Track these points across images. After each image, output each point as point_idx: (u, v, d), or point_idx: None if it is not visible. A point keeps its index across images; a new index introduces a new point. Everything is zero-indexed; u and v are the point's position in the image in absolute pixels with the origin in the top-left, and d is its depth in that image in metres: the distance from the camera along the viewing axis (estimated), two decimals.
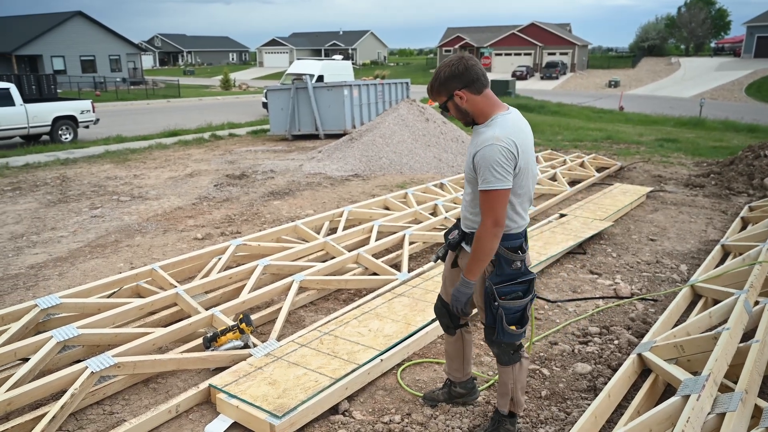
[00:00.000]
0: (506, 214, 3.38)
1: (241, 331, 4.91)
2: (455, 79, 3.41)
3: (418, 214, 8.92)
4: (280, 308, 5.76)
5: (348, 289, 6.43)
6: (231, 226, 9.02)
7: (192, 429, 4.06)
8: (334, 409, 4.25)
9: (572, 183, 12.27)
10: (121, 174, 13.44)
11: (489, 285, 3.48)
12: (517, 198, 3.42)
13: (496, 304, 3.47)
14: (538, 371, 4.81)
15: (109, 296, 5.82)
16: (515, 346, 3.68)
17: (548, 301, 6.18)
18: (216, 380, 4.36)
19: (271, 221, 9.23)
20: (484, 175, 3.28)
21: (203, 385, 4.35)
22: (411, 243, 7.85)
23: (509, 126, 3.36)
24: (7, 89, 18.33)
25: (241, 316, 4.97)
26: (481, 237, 3.35)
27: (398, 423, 4.08)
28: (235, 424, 4.05)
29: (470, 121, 3.50)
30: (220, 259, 6.71)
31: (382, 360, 4.68)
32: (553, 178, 12.25)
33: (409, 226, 8.21)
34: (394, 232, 8.03)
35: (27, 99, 19.73)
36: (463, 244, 3.67)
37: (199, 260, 6.75)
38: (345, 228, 8.30)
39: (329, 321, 5.42)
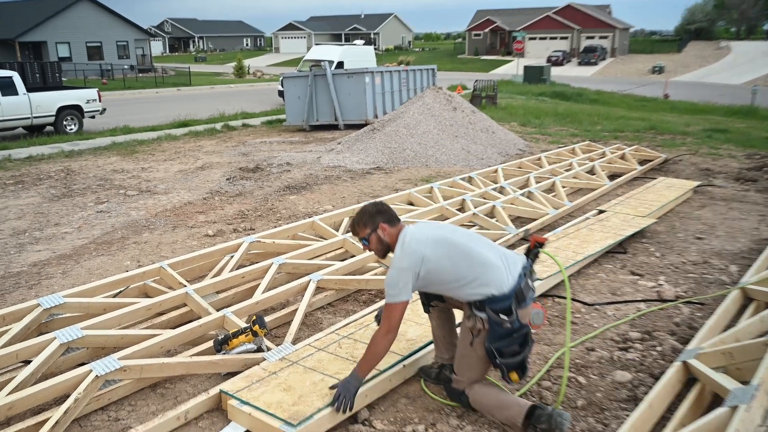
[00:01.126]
0: (400, 324, 4.08)
1: (255, 334, 4.93)
2: (380, 214, 4.24)
3: (444, 210, 8.91)
4: (296, 310, 5.80)
5: (368, 290, 6.44)
6: (244, 222, 9.08)
7: None
8: (353, 418, 4.26)
9: (612, 177, 12.18)
10: (129, 167, 13.59)
11: (489, 347, 4.03)
12: (478, 268, 3.97)
13: (497, 361, 4.03)
14: (573, 379, 4.78)
15: (114, 296, 5.88)
16: (457, 392, 4.31)
17: (585, 304, 6.14)
18: (227, 385, 4.38)
19: (287, 217, 9.28)
20: (385, 291, 4.06)
21: (214, 391, 4.38)
22: None
23: (406, 241, 4.07)
24: (10, 77, 18.57)
25: (254, 317, 5.00)
26: (375, 339, 4.08)
27: None
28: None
29: (387, 250, 4.26)
30: (232, 257, 6.75)
31: (404, 366, 4.69)
32: (592, 172, 12.17)
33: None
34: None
35: (30, 88, 19.97)
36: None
37: (210, 258, 6.80)
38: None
39: (348, 323, 5.44)
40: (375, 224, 4.22)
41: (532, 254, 4.23)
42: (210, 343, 5.08)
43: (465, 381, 4.26)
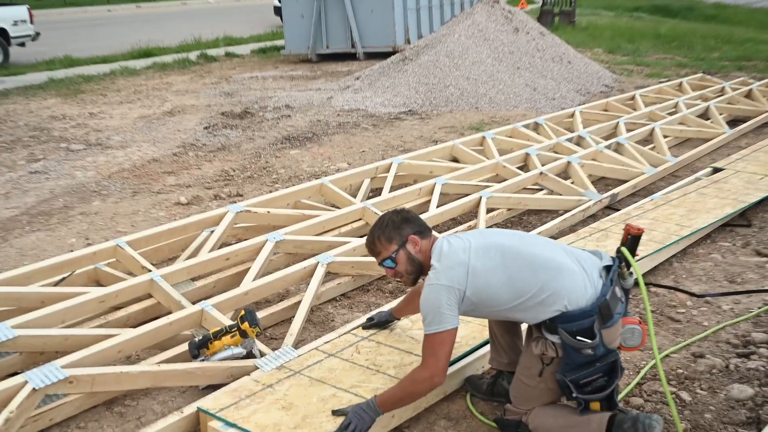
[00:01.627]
0: (449, 361, 4.13)
1: (243, 335, 4.98)
2: (408, 224, 4.27)
3: (500, 169, 8.94)
4: (299, 302, 5.82)
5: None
6: (228, 185, 9.18)
7: None
8: None
9: (733, 123, 12.10)
10: (72, 112, 13.72)
11: (561, 379, 4.04)
12: (544, 275, 3.99)
13: (575, 396, 4.04)
14: (674, 395, 4.80)
15: (56, 284, 5.96)
16: (513, 423, 4.33)
17: (693, 295, 6.15)
18: (207, 402, 4.42)
19: (287, 179, 9.37)
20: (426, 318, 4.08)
21: (189, 410, 4.42)
22: (490, 210, 7.87)
23: (444, 251, 4.11)
24: None
25: (243, 312, 5.03)
26: (416, 379, 4.11)
27: None
28: None
29: (419, 273, 4.29)
30: (212, 232, 6.79)
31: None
32: (705, 116, 12.10)
33: (488, 186, 8.24)
34: (466, 195, 8.04)
35: None
36: None
37: (183, 234, 6.87)
38: (393, 188, 8.34)
39: None
40: (403, 237, 4.24)
41: (624, 250, 4.17)
42: (184, 347, 5.13)
43: (522, 411, 4.30)
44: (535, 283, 3.95)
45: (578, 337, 3.91)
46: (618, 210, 8.06)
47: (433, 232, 4.31)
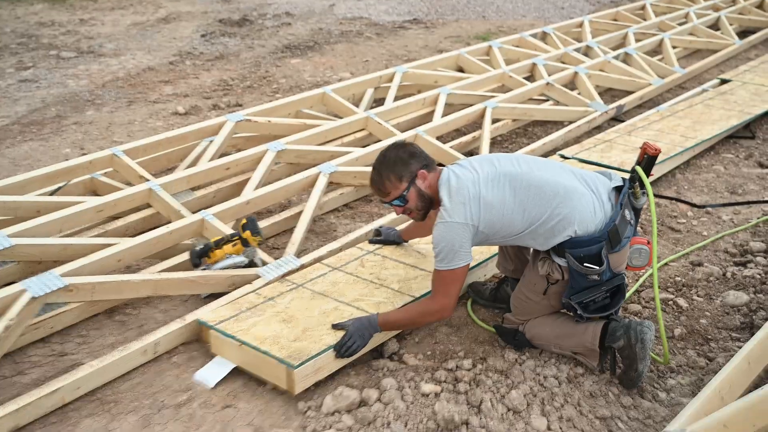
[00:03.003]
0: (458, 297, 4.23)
1: (245, 243, 5.06)
2: (415, 159, 4.25)
3: (506, 79, 8.97)
4: (301, 212, 5.89)
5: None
6: (228, 95, 9.19)
7: (177, 376, 4.24)
8: (376, 352, 4.44)
9: (743, 34, 12.06)
10: (61, 18, 13.57)
11: (566, 302, 4.16)
12: (554, 201, 4.03)
13: (579, 313, 4.15)
14: (671, 302, 4.94)
15: (52, 193, 6.02)
16: (510, 331, 4.48)
17: (693, 205, 6.26)
18: (207, 314, 4.52)
19: (287, 89, 9.38)
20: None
21: (191, 318, 4.55)
22: (495, 121, 7.93)
23: (453, 185, 4.09)
24: None
25: (245, 220, 5.11)
26: (423, 310, 4.29)
27: (468, 370, 4.24)
28: (236, 372, 4.25)
29: (429, 208, 4.32)
30: (212, 141, 6.82)
31: None
32: (716, 26, 12.05)
33: (494, 96, 8.28)
34: (471, 105, 8.10)
35: None
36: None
37: (181, 143, 6.89)
38: (397, 98, 8.37)
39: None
40: (412, 173, 4.22)
41: (639, 170, 4.17)
42: (185, 257, 5.21)
43: (520, 321, 4.43)
44: (545, 209, 4.00)
45: (585, 264, 3.99)
46: (623, 121, 8.12)
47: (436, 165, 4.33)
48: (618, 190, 4.19)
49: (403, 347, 4.51)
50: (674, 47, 10.77)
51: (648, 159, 4.19)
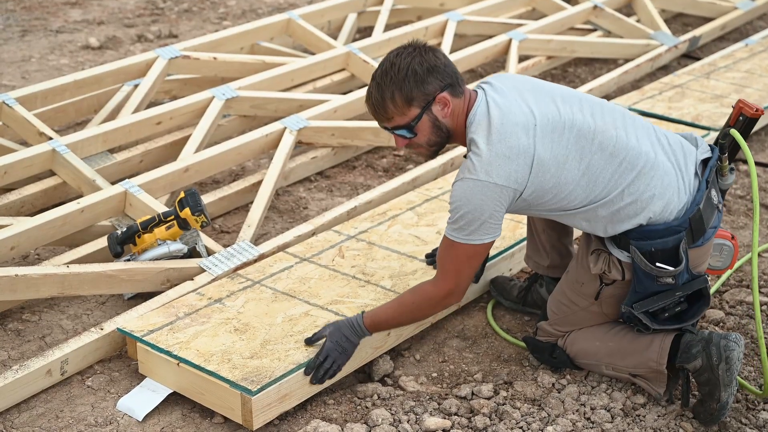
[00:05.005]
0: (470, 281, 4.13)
1: (183, 225, 4.99)
2: (435, 73, 3.87)
3: (538, 0, 8.91)
4: (260, 183, 5.82)
5: (394, 147, 6.58)
6: (157, 22, 9.17)
7: (93, 405, 4.18)
8: (363, 374, 4.40)
9: None
10: None
11: (627, 311, 4.01)
12: (629, 175, 3.87)
13: (645, 323, 4.00)
14: (764, 306, 4.87)
15: None
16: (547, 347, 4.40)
17: None
18: (132, 321, 4.44)
19: (239, 14, 9.36)
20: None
21: (110, 326, 4.48)
22: (523, 59, 7.93)
23: (495, 124, 3.81)
24: None
25: (183, 195, 5.01)
26: (424, 294, 4.09)
27: (488, 399, 4.19)
28: (174, 399, 4.19)
29: (445, 143, 4.06)
30: (137, 86, 6.78)
31: None
32: None
33: (521, 24, 8.25)
34: (490, 36, 8.05)
35: None
36: None
37: (95, 88, 6.85)
38: (389, 27, 8.36)
39: (358, 211, 5.58)
40: (428, 96, 3.88)
41: (735, 134, 4.05)
42: (103, 242, 5.15)
43: (560, 333, 4.35)
44: (618, 185, 3.86)
45: (657, 264, 3.84)
46: (699, 59, 8.10)
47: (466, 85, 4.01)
48: (704, 163, 4.05)
49: (400, 367, 4.47)
50: None
51: (746, 122, 4.06)
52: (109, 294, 4.96)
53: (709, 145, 4.10)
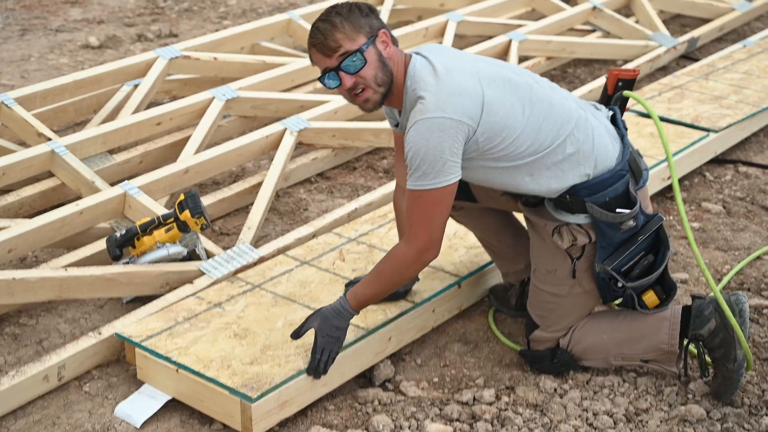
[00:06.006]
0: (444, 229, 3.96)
1: (183, 228, 4.94)
2: (376, 15, 3.90)
3: (537, 1, 8.87)
4: (260, 185, 5.79)
5: (394, 149, 6.46)
6: (158, 21, 9.15)
7: (91, 411, 4.13)
8: (364, 378, 4.34)
9: None
10: None
11: (602, 270, 4.00)
12: (567, 126, 3.89)
13: (621, 285, 4.03)
14: (765, 310, 4.84)
15: None
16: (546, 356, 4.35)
17: None
18: (131, 326, 4.39)
19: (240, 13, 9.35)
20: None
21: (109, 330, 4.43)
22: (523, 59, 7.89)
23: (439, 70, 3.78)
24: None
25: (183, 197, 4.98)
26: (398, 258, 3.97)
27: (490, 404, 4.13)
28: (172, 405, 4.12)
29: (389, 88, 3.89)
30: (137, 86, 6.75)
31: (460, 287, 4.73)
32: None
33: (521, 24, 8.21)
34: (490, 37, 8.02)
35: None
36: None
37: (95, 88, 6.81)
38: (390, 26, 8.03)
39: (358, 214, 5.52)
40: (373, 28, 3.86)
41: (632, 94, 4.18)
42: (101, 245, 5.09)
43: (557, 335, 4.31)
44: (559, 134, 3.88)
45: (617, 210, 3.90)
46: (698, 60, 8.06)
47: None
48: (612, 120, 4.19)
49: (401, 371, 4.41)
50: None
51: (624, 85, 4.22)
52: (107, 297, 4.89)
53: (607, 107, 4.26)
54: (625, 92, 4.15)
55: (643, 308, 4.10)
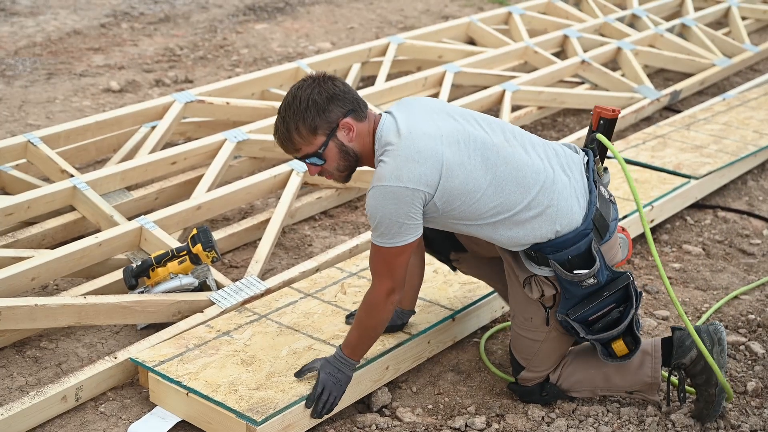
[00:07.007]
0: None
1: (195, 260, 4.99)
2: (336, 101, 3.85)
3: (530, 55, 8.95)
4: (268, 221, 5.85)
5: None
6: (175, 68, 9.16)
7: (104, 430, 4.18)
8: (363, 405, 4.39)
9: None
10: None
11: (563, 320, 4.02)
12: (534, 189, 3.87)
13: (583, 337, 4.04)
14: (743, 346, 4.87)
15: None
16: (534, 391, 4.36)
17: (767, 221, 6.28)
18: (144, 352, 4.44)
19: (251, 61, 9.36)
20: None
21: (124, 355, 4.48)
22: (516, 108, 7.92)
23: (403, 133, 3.79)
24: None
25: (195, 232, 5.03)
26: (372, 303, 3.97)
27: (480, 431, 4.19)
28: (182, 427, 4.18)
29: (355, 167, 4.01)
30: (154, 128, 6.77)
31: (454, 320, 4.78)
32: None
33: (514, 76, 8.25)
34: (485, 87, 8.09)
35: None
36: None
37: (115, 129, 6.83)
38: (391, 77, 8.37)
39: (360, 248, 5.57)
40: (332, 124, 3.86)
41: (601, 137, 4.14)
42: (118, 275, 5.14)
43: (544, 372, 4.31)
44: (524, 197, 3.85)
45: (575, 271, 3.88)
46: (680, 112, 8.12)
47: (371, 106, 4.00)
48: (587, 165, 4.13)
49: (397, 398, 4.46)
50: (744, 18, 10.75)
51: (606, 123, 4.16)
52: (122, 324, 4.95)
53: (582, 149, 4.19)
54: (598, 135, 4.11)
55: (613, 357, 4.07)
